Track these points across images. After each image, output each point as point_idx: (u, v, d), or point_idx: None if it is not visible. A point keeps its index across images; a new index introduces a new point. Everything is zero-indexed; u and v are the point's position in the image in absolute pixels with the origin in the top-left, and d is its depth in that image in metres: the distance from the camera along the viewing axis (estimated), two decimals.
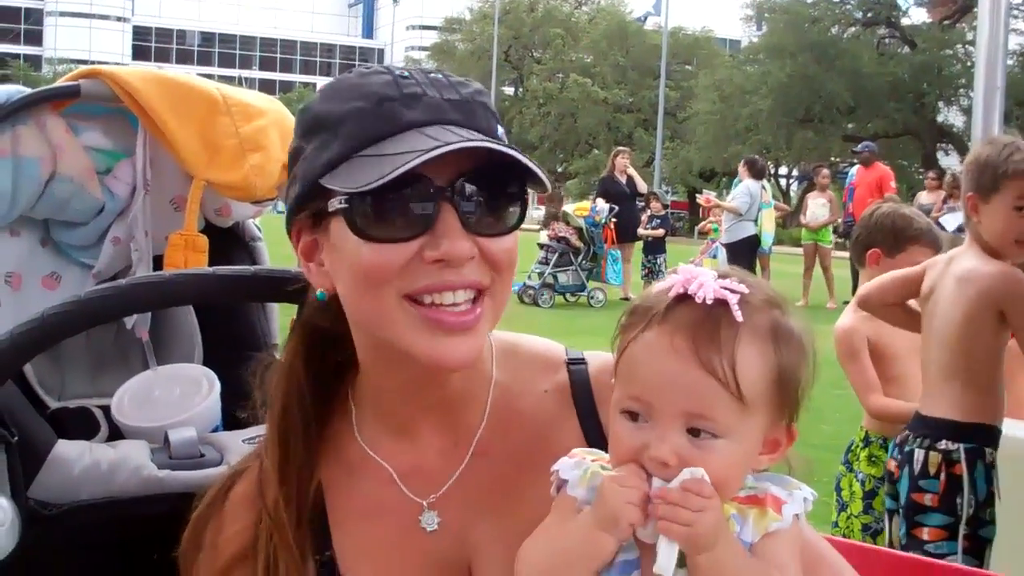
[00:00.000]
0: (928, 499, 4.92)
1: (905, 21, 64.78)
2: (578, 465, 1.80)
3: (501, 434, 1.99)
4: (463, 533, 1.94)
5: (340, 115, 1.81)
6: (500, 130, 1.87)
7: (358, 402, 2.06)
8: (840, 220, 23.51)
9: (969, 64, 54.56)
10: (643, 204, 23.83)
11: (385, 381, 1.97)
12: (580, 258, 21.86)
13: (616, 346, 1.80)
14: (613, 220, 21.94)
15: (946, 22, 60.83)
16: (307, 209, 1.88)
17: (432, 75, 1.86)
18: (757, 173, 22.47)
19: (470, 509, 1.95)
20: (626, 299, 22.01)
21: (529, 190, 1.89)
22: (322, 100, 1.88)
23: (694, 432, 1.69)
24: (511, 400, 2.04)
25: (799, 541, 1.76)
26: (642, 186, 23.80)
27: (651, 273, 22.76)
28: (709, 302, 1.69)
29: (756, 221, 21.68)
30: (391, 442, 2.01)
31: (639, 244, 23.63)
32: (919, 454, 4.92)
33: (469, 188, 1.79)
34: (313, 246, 1.92)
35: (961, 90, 59.18)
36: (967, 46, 57.36)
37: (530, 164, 1.79)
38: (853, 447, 5.85)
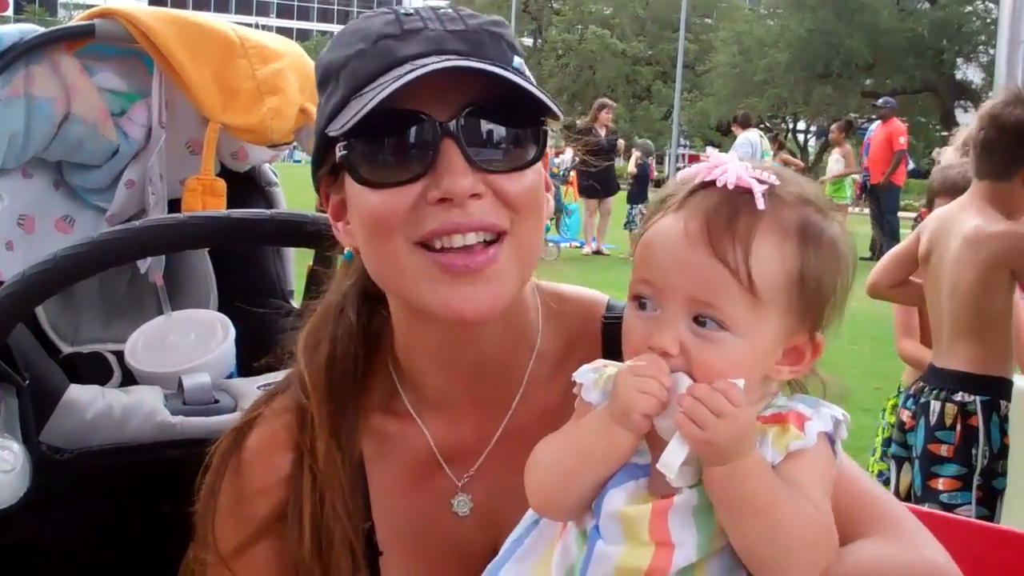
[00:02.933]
0: (944, 450, 4.98)
1: None
2: (595, 370, 1.70)
3: (536, 409, 1.87)
4: (494, 518, 1.84)
5: (343, 61, 1.73)
6: (518, 61, 1.75)
7: (397, 371, 1.94)
8: (859, 176, 23.49)
9: (989, 21, 54.29)
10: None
11: (418, 343, 1.87)
12: None
13: (634, 235, 1.73)
14: (581, 172, 21.83)
15: None
16: (324, 164, 1.81)
17: (443, 11, 1.75)
18: (745, 122, 22.77)
19: (501, 492, 1.84)
20: (598, 252, 22.17)
21: (550, 126, 1.78)
22: (329, 49, 1.80)
23: (700, 322, 1.58)
24: (553, 371, 1.91)
25: (830, 466, 1.61)
26: (621, 144, 23.81)
27: (632, 223, 22.65)
28: (731, 187, 1.59)
29: None
30: (430, 413, 1.91)
31: (622, 195, 23.56)
32: (935, 405, 4.99)
33: (474, 121, 1.68)
34: (340, 205, 1.82)
35: (980, 47, 58.91)
36: (987, 2, 57.05)
37: (536, 92, 1.68)
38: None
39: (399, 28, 1.71)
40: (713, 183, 1.61)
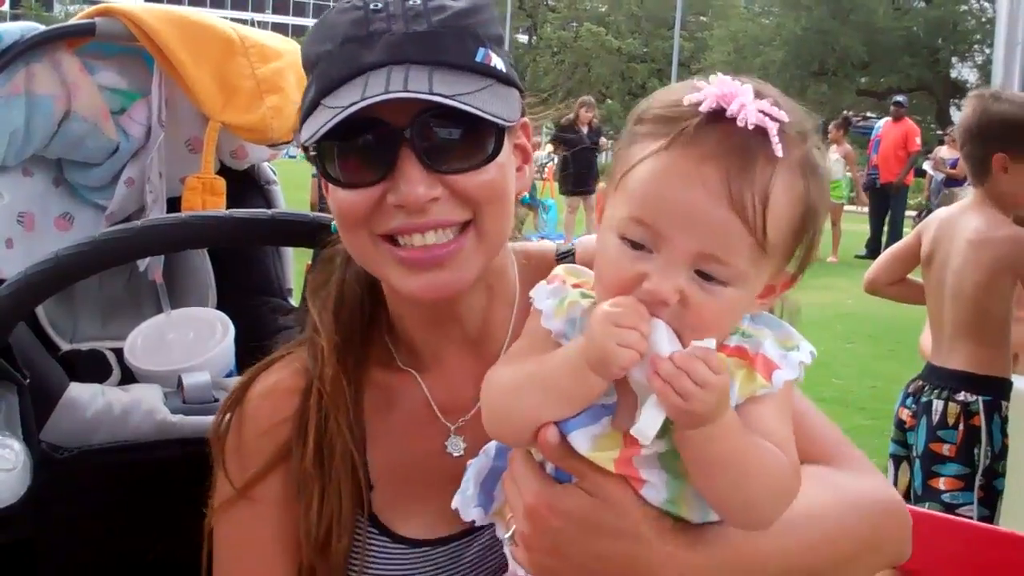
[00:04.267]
0: (946, 449, 5.00)
1: None
2: (555, 293, 1.66)
3: None
4: None
5: (315, 58, 1.80)
6: (483, 52, 1.78)
7: (391, 334, 2.03)
8: (864, 173, 23.53)
9: (984, 20, 54.36)
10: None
11: (405, 311, 1.97)
12: None
13: (621, 154, 1.61)
14: (561, 170, 21.78)
15: None
16: (307, 153, 1.86)
17: (410, 2, 1.78)
18: None
19: None
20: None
21: (532, 115, 1.87)
22: (307, 40, 1.87)
23: (703, 275, 1.51)
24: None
25: (789, 405, 1.61)
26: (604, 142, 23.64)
27: None
28: (750, 127, 1.49)
29: None
30: (424, 370, 2.00)
31: None
32: (937, 404, 5.02)
33: (429, 127, 1.73)
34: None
35: (976, 46, 58.98)
36: (983, 1, 57.12)
37: (464, 107, 1.70)
38: None
39: (364, 30, 1.76)
40: (721, 114, 1.50)
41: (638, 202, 1.54)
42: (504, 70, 1.80)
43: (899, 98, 24.71)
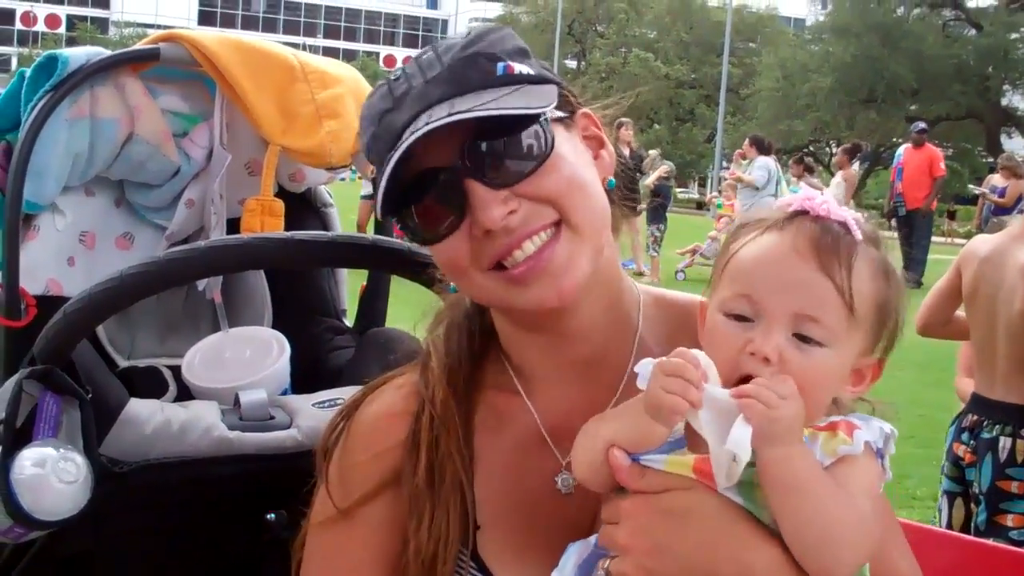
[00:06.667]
0: (1015, 487, 4.92)
1: (971, 3, 64.09)
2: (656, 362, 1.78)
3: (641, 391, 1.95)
4: (597, 497, 1.88)
5: (368, 146, 1.88)
6: (503, 66, 1.82)
7: (510, 362, 2.05)
8: (889, 200, 23.36)
9: None
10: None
11: (523, 338, 2.00)
12: None
13: (721, 257, 1.81)
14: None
15: (1013, 5, 60.06)
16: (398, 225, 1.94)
17: (423, 57, 1.86)
18: (764, 150, 22.05)
19: None
20: (639, 274, 21.80)
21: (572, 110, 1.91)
22: (359, 135, 1.96)
23: (801, 338, 1.68)
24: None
25: (875, 477, 1.71)
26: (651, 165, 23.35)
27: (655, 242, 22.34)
28: (834, 219, 1.73)
29: (776, 195, 21.30)
30: (538, 394, 2.01)
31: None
32: (1005, 442, 4.93)
33: (477, 149, 1.79)
34: None
35: None
36: None
37: (485, 112, 1.75)
38: None
39: (391, 100, 1.84)
40: (807, 212, 1.75)
41: (739, 280, 1.74)
42: (535, 72, 1.84)
43: (921, 125, 24.47)
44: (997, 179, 22.73)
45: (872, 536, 1.66)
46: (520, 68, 1.83)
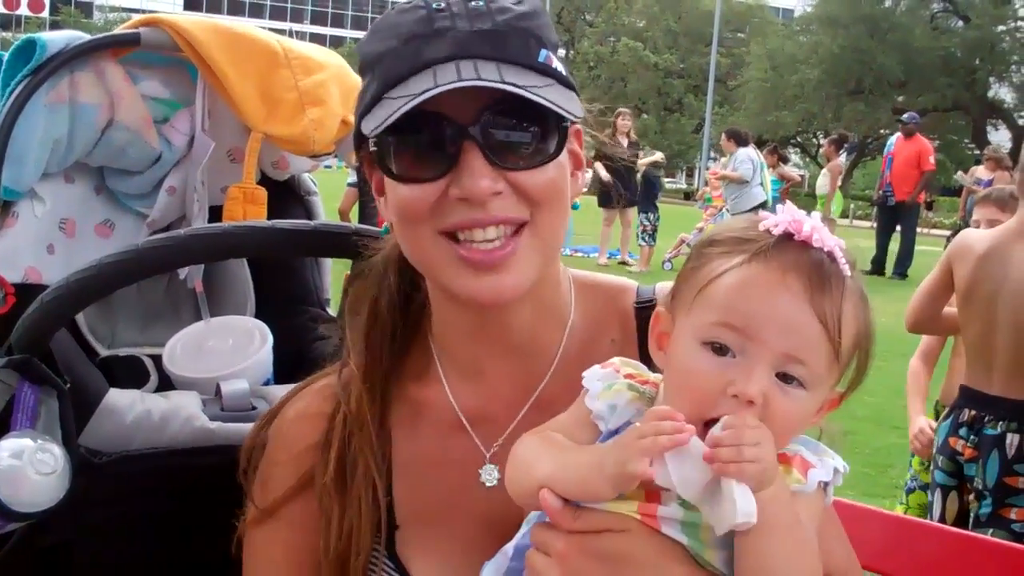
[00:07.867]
0: (1022, 482, 4.91)
1: None
2: (605, 377, 1.76)
3: (566, 385, 1.90)
4: None
5: (377, 56, 1.82)
6: (544, 54, 1.80)
7: (436, 344, 2.04)
8: (879, 189, 23.43)
9: (1022, 40, 54.13)
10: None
11: (452, 318, 1.98)
12: None
13: (694, 273, 1.73)
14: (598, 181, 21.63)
15: None
16: (362, 150, 1.89)
17: (472, 3, 1.80)
18: (743, 142, 21.90)
19: None
20: (624, 264, 21.94)
21: (576, 122, 1.87)
22: (366, 40, 1.89)
23: (783, 377, 1.63)
24: (583, 347, 2.00)
25: (820, 511, 1.71)
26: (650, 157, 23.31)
27: (650, 236, 22.29)
28: (826, 250, 1.66)
29: (762, 184, 21.30)
30: (462, 383, 2.01)
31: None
32: (1012, 439, 4.91)
33: (494, 122, 1.76)
34: (381, 183, 1.92)
35: (1013, 66, 58.75)
36: (1020, 22, 56.88)
37: (541, 100, 1.74)
38: None
39: (429, 27, 1.78)
40: (790, 237, 1.66)
41: (725, 309, 1.66)
42: (564, 73, 1.82)
43: (910, 114, 24.53)
44: (982, 171, 22.80)
45: (817, 574, 1.65)
46: (556, 63, 1.82)
